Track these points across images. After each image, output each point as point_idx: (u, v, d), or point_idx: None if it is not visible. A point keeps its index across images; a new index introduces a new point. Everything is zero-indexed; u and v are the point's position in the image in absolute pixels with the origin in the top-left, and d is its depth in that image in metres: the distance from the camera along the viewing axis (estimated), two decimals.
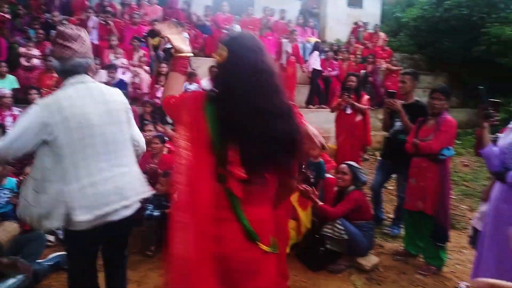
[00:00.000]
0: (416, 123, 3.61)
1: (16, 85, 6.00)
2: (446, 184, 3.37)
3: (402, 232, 4.08)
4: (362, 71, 7.72)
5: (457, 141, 7.87)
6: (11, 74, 6.02)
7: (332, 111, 5.07)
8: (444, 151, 3.31)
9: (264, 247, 1.45)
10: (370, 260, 3.44)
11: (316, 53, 8.46)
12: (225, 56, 1.41)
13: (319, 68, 8.30)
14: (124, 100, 2.07)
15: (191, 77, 6.91)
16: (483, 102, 2.42)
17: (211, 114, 1.39)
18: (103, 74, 6.44)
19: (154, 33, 7.72)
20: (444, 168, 3.36)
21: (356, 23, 10.72)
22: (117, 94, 2.06)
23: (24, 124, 1.78)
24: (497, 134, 2.99)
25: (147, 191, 2.13)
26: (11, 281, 2.28)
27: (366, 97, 4.88)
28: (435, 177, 3.35)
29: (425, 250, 3.53)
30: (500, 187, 2.27)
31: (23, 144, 1.78)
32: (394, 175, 4.42)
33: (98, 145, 1.89)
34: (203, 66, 7.92)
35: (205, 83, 7.23)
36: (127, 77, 6.77)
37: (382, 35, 10.54)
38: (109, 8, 8.16)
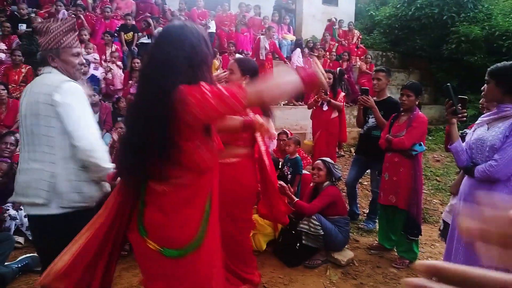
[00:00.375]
0: (390, 119, 3.68)
1: None
2: (419, 179, 3.45)
3: (377, 226, 4.17)
4: (338, 68, 7.80)
5: (429, 137, 8.09)
6: None
7: (309, 108, 5.10)
8: (416, 147, 3.40)
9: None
10: (345, 255, 3.49)
11: (298, 50, 8.48)
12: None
13: (301, 65, 8.33)
14: (54, 94, 1.87)
15: None
16: (450, 99, 2.48)
17: None
18: None
19: (127, 28, 7.54)
20: (416, 163, 3.45)
21: (330, 20, 10.82)
22: (50, 86, 1.90)
23: None
24: (465, 130, 3.08)
25: (48, 197, 1.88)
26: None
27: (342, 94, 4.94)
28: (408, 172, 3.43)
29: (398, 244, 3.61)
30: (468, 181, 2.33)
31: None
32: (368, 171, 4.50)
33: (23, 135, 1.97)
34: None
35: None
36: (99, 72, 6.59)
37: (356, 32, 10.69)
38: (79, 1, 7.88)
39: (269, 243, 3.61)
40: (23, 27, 6.80)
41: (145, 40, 7.65)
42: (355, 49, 10.10)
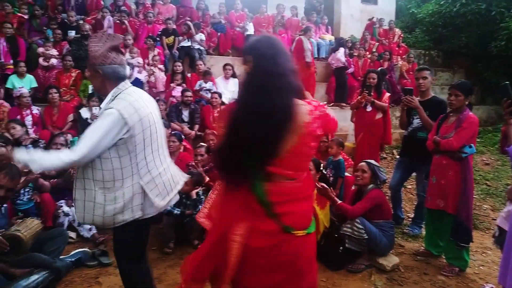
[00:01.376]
0: (437, 120, 3.55)
1: (35, 85, 6.08)
2: (469, 183, 3.29)
3: (423, 231, 4.02)
4: (380, 68, 7.61)
5: (477, 139, 7.69)
6: (30, 74, 6.11)
7: (352, 109, 5.01)
8: (465, 149, 3.25)
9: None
10: (390, 260, 3.39)
11: (342, 49, 8.35)
12: (251, 65, 1.59)
13: (345, 65, 8.20)
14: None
15: (206, 75, 6.91)
16: (508, 98, 2.35)
17: None
18: None
19: (168, 32, 7.75)
20: (466, 166, 3.29)
21: (370, 19, 10.57)
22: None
23: (104, 129, 1.92)
24: None
25: (184, 178, 2.41)
26: (34, 277, 2.31)
27: (387, 94, 4.82)
28: (457, 175, 3.28)
29: (447, 251, 3.46)
30: None
31: (101, 148, 1.93)
32: (413, 174, 4.35)
33: (157, 140, 2.15)
34: (217, 65, 7.94)
35: (220, 81, 7.23)
36: (142, 76, 6.81)
37: (397, 31, 10.38)
38: (123, 8, 8.20)
39: None
40: (72, 33, 7.17)
41: (185, 43, 7.82)
42: (396, 48, 9.81)
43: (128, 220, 2.06)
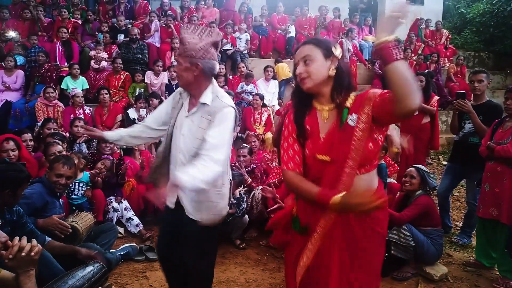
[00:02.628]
0: (492, 125, 3.38)
1: (87, 86, 6.42)
2: None
3: (472, 241, 3.84)
4: (427, 70, 7.34)
5: None
6: (82, 76, 6.46)
7: None
8: None
9: None
10: (438, 270, 3.27)
11: None
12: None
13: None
14: None
15: (248, 77, 6.99)
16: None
17: None
18: (165, 75, 6.71)
19: None
20: None
21: (416, 20, 10.23)
22: None
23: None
24: None
25: None
26: (89, 268, 2.43)
27: (435, 98, 4.65)
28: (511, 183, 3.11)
29: (500, 262, 3.28)
30: None
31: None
32: (463, 181, 4.17)
33: None
34: (258, 67, 8.01)
35: (261, 83, 7.29)
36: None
37: (445, 32, 9.97)
38: (169, 12, 8.47)
39: None
40: (121, 37, 7.51)
41: (228, 47, 7.95)
42: (444, 50, 9.42)
43: (225, 213, 2.14)
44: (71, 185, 3.44)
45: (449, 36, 10.04)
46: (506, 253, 3.12)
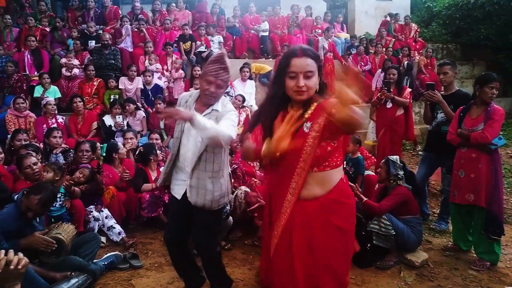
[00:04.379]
0: (457, 112, 3.49)
1: (59, 95, 6.26)
2: (499, 174, 3.27)
3: (450, 227, 3.97)
4: (406, 62, 7.52)
5: (500, 132, 7.52)
6: (53, 85, 6.30)
7: (373, 106, 4.99)
8: (495, 141, 3.21)
9: None
10: (419, 256, 3.36)
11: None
12: None
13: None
14: None
15: None
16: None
17: None
18: (139, 80, 6.62)
19: (185, 38, 7.86)
20: (496, 158, 3.27)
21: (386, 15, 10.48)
22: None
23: (235, 122, 2.36)
24: None
25: None
26: (73, 280, 2.40)
27: (408, 90, 4.78)
28: (487, 168, 3.24)
29: (477, 245, 3.41)
30: None
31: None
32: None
33: None
34: (234, 68, 7.98)
35: (237, 84, 7.30)
36: (162, 81, 6.93)
37: (413, 26, 10.23)
38: (141, 16, 8.35)
39: None
40: (92, 43, 7.35)
41: (202, 48, 7.93)
42: (413, 43, 9.68)
43: (227, 203, 2.65)
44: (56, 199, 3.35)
45: (418, 30, 10.31)
46: (483, 235, 3.25)
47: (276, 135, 1.76)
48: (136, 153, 4.55)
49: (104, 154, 4.56)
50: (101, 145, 4.95)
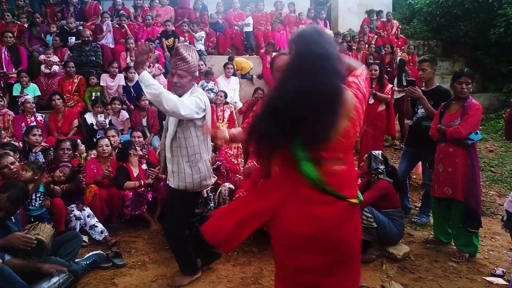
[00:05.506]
0: (439, 108, 3.57)
1: (38, 93, 6.11)
2: (476, 169, 3.33)
3: (431, 220, 4.05)
4: (399, 58, 7.58)
5: (480, 127, 7.70)
6: (32, 82, 6.15)
7: None
8: (472, 136, 3.27)
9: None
10: (401, 249, 3.43)
11: None
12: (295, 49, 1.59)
13: None
14: None
15: (208, 75, 6.94)
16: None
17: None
18: (121, 76, 6.52)
19: (167, 34, 7.78)
20: (472, 152, 3.33)
21: (368, 12, 10.57)
22: None
23: (193, 105, 2.51)
24: None
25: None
26: (54, 279, 2.36)
27: (389, 86, 4.84)
28: (464, 162, 3.31)
29: (456, 237, 3.49)
30: None
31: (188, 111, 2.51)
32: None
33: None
34: (217, 64, 7.97)
35: (221, 80, 7.27)
36: None
37: (395, 22, 10.35)
38: (122, 12, 8.21)
39: None
40: (72, 39, 7.20)
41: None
42: (395, 40, 9.79)
43: (210, 185, 2.92)
44: (28, 195, 3.28)
45: (400, 26, 10.43)
46: (462, 228, 3.33)
47: None
48: (116, 151, 4.48)
49: (118, 154, 4.42)
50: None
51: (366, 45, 8.92)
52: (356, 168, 4.38)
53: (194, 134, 2.64)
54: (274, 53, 8.09)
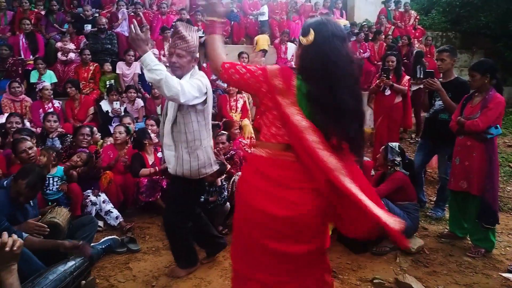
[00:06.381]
0: (461, 101, 3.50)
1: (55, 80, 6.18)
2: (494, 164, 3.27)
3: (446, 214, 4.00)
4: (416, 50, 7.45)
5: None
6: (49, 69, 6.21)
7: (370, 93, 4.97)
8: (491, 130, 3.20)
9: None
10: (415, 243, 3.39)
11: None
12: (312, 40, 1.58)
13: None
14: None
15: None
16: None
17: (301, 89, 1.59)
18: (137, 65, 6.55)
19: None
20: (491, 147, 3.26)
21: (385, 2, 10.37)
22: None
23: (197, 84, 2.42)
24: None
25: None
26: (70, 263, 2.39)
27: (406, 77, 4.76)
28: (481, 156, 3.25)
29: (472, 232, 3.44)
30: None
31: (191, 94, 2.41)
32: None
33: (209, 117, 2.70)
34: (232, 53, 7.92)
35: None
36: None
37: (413, 13, 10.15)
38: (138, 0, 8.22)
39: (334, 229, 3.57)
40: (88, 27, 7.24)
41: (200, 34, 7.82)
42: (413, 31, 9.60)
43: (209, 173, 2.71)
44: (45, 180, 3.34)
45: (417, 17, 10.23)
46: (477, 223, 3.28)
47: None
48: (131, 139, 4.52)
49: (133, 142, 4.45)
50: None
51: (383, 36, 8.76)
52: (369, 160, 4.38)
53: (194, 119, 2.53)
54: (289, 43, 8.03)
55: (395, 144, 3.56)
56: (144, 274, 2.98)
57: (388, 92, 4.66)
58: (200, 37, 7.76)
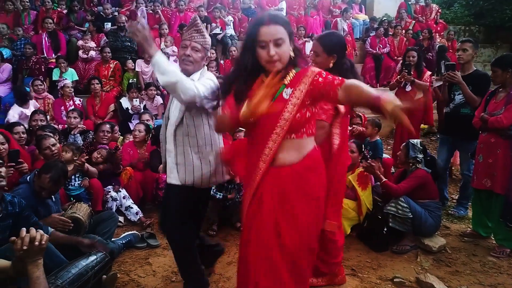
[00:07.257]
0: (485, 96, 3.40)
1: (76, 78, 6.31)
2: None
3: (469, 213, 3.90)
4: (439, 45, 7.28)
5: None
6: (70, 67, 6.35)
7: (391, 89, 4.88)
8: None
9: None
10: (436, 242, 3.32)
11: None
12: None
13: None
14: None
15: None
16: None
17: None
18: None
19: (200, 20, 7.77)
20: None
21: None
22: None
23: (210, 84, 2.19)
24: None
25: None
26: (92, 257, 2.44)
27: (428, 73, 4.65)
28: (506, 154, 3.16)
29: (496, 231, 3.35)
30: None
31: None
32: None
33: None
34: None
35: None
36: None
37: (434, 7, 9.90)
38: None
39: (353, 227, 3.54)
40: (108, 25, 7.36)
41: (217, 31, 7.85)
42: (434, 25, 9.38)
43: (219, 182, 2.50)
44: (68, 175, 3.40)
45: (439, 11, 9.99)
46: (502, 223, 3.18)
47: (255, 97, 1.61)
48: (150, 136, 4.57)
49: (152, 138, 4.51)
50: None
51: (403, 31, 8.58)
52: (389, 157, 4.31)
53: (206, 122, 2.29)
54: (305, 39, 7.96)
55: (416, 141, 3.49)
56: (164, 269, 3.02)
57: (409, 88, 4.56)
58: (217, 34, 7.82)
